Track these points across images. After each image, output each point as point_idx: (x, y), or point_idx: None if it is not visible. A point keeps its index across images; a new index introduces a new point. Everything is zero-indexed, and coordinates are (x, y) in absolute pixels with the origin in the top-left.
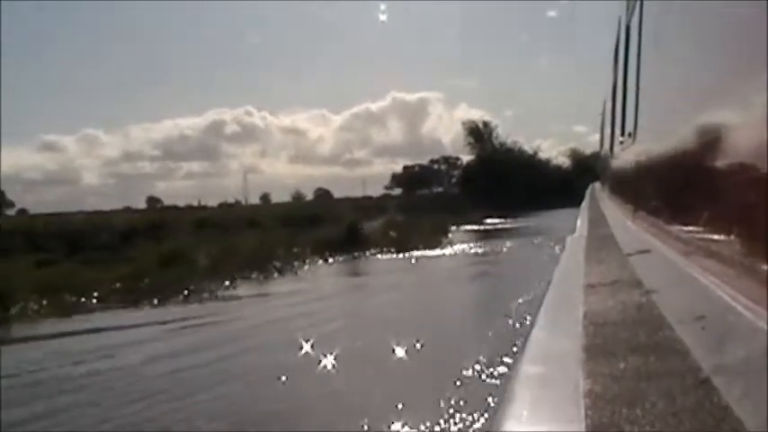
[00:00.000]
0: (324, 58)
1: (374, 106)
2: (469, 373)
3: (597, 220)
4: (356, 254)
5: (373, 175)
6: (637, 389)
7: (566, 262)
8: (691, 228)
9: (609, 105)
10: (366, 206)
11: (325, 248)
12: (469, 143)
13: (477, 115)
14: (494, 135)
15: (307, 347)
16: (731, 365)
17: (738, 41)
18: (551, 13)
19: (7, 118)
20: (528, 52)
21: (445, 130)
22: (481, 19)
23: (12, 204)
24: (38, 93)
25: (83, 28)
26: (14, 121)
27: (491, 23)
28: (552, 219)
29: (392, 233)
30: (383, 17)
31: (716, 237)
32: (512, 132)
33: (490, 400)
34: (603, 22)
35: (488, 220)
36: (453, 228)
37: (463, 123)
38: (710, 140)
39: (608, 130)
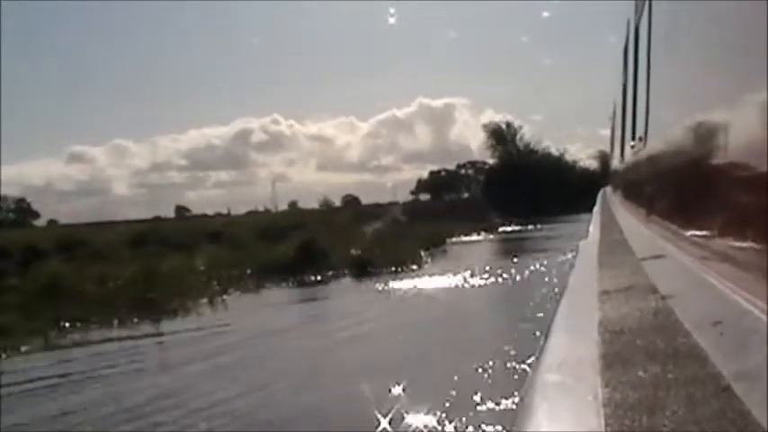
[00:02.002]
0: (348, 66)
1: (400, 112)
2: None
3: (609, 225)
4: (302, 279)
5: (404, 181)
6: (657, 397)
7: (579, 268)
8: (705, 232)
9: (619, 108)
10: (377, 213)
11: (271, 271)
12: (491, 145)
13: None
14: (518, 137)
15: None
16: (752, 371)
17: (751, 42)
18: (579, 18)
19: (36, 129)
20: (552, 57)
21: (472, 136)
22: (506, 25)
23: (38, 215)
24: (66, 104)
25: (109, 41)
26: (43, 132)
27: (516, 29)
28: (580, 225)
29: (357, 251)
30: (392, 20)
31: (731, 240)
32: (540, 136)
33: None
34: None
35: (504, 228)
36: (454, 239)
37: (485, 125)
38: (723, 143)
39: (618, 134)
